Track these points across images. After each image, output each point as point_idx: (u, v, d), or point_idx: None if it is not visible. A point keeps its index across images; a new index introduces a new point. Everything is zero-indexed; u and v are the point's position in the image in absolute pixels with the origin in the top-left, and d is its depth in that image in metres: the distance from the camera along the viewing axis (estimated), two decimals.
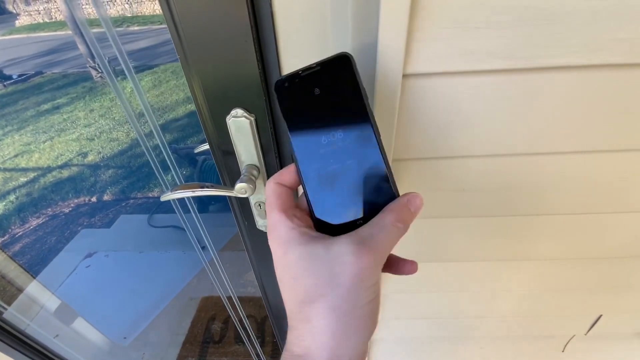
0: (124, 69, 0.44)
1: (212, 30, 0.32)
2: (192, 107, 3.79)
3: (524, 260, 0.55)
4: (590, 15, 0.28)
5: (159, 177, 0.51)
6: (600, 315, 0.67)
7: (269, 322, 1.42)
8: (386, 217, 0.24)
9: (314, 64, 0.26)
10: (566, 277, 0.58)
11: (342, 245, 0.22)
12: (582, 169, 0.40)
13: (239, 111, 0.38)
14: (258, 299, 1.49)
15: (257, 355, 1.22)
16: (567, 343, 0.76)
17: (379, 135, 0.26)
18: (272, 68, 0.36)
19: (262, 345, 1.29)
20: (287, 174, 0.27)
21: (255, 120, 0.39)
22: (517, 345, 0.79)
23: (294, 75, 0.26)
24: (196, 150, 0.49)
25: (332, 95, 0.26)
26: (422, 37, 0.30)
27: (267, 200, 0.26)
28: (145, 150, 0.48)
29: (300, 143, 0.26)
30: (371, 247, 0.22)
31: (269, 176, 0.44)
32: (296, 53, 0.35)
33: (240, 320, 1.05)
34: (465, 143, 0.38)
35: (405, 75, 0.32)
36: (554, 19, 0.28)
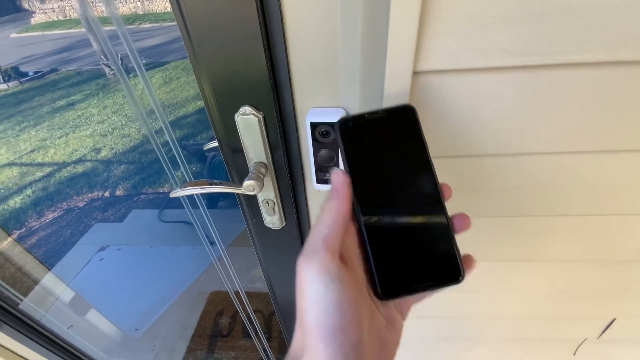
0: (134, 66, 0.45)
1: (221, 27, 0.32)
2: (202, 103, 3.82)
3: (536, 261, 0.53)
4: (610, 10, 0.27)
5: (168, 173, 0.52)
6: (614, 319, 0.66)
7: (276, 317, 1.43)
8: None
9: (380, 109, 0.28)
10: (580, 279, 0.56)
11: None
12: (599, 170, 0.39)
13: (247, 109, 0.38)
14: (266, 294, 1.50)
15: (264, 350, 1.23)
16: (578, 346, 0.75)
17: (439, 184, 0.27)
18: (280, 65, 0.36)
19: (269, 340, 1.30)
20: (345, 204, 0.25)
21: (264, 117, 0.39)
22: (527, 348, 0.78)
23: (359, 117, 0.28)
24: (205, 148, 0.49)
25: (395, 141, 0.28)
26: (433, 33, 0.29)
27: (322, 232, 0.24)
28: (155, 147, 0.49)
29: (359, 181, 0.26)
30: (305, 252, 0.23)
31: (277, 174, 0.45)
32: (305, 49, 0.35)
33: (248, 315, 1.06)
34: (477, 142, 0.37)
35: (415, 73, 0.31)
36: (572, 14, 0.27)
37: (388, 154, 0.27)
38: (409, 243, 0.26)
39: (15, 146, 3.36)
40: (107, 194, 2.53)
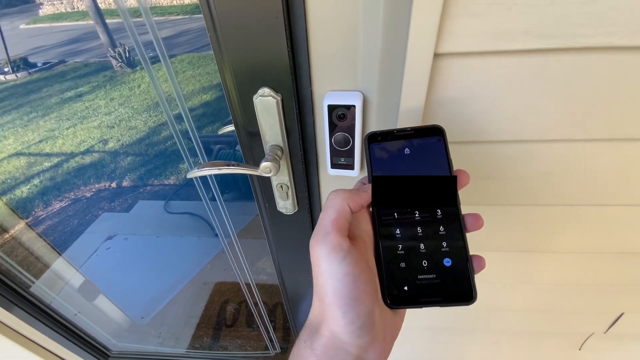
0: (159, 55, 0.46)
1: (243, 6, 0.33)
2: (206, 97, 3.82)
3: (545, 252, 0.54)
4: None
5: (185, 159, 0.53)
6: (622, 314, 0.65)
7: (280, 309, 1.45)
8: None
9: (408, 127, 0.29)
10: (589, 272, 0.56)
11: None
12: (615, 158, 0.39)
13: (266, 90, 0.38)
14: (269, 286, 1.51)
15: (270, 339, 1.25)
16: (584, 341, 0.75)
17: (460, 205, 0.27)
18: (300, 46, 0.36)
19: (274, 330, 1.32)
20: (357, 200, 0.27)
21: (282, 100, 0.39)
22: (531, 341, 0.78)
23: (387, 133, 0.30)
24: (220, 132, 0.50)
25: (420, 159, 0.29)
26: (456, 14, 0.29)
27: (331, 215, 0.26)
28: (174, 134, 0.50)
29: (381, 191, 0.27)
30: (317, 234, 0.25)
31: (292, 157, 0.45)
32: (325, 31, 0.35)
33: (256, 304, 1.08)
34: (494, 127, 0.37)
35: (436, 55, 0.31)
36: None
37: (413, 171, 0.28)
38: (422, 257, 0.26)
39: (23, 136, 3.39)
40: (114, 184, 2.56)
